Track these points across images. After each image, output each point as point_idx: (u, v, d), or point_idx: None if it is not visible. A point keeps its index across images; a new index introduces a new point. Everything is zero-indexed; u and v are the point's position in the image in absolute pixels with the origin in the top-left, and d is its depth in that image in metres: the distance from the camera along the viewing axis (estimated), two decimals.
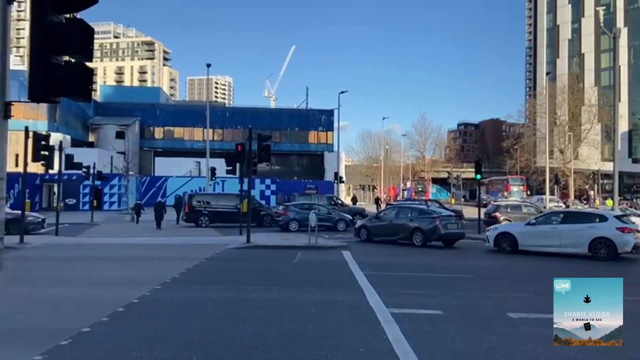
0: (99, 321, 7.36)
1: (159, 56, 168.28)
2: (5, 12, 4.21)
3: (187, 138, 66.17)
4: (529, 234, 16.36)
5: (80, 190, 41.30)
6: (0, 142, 4.18)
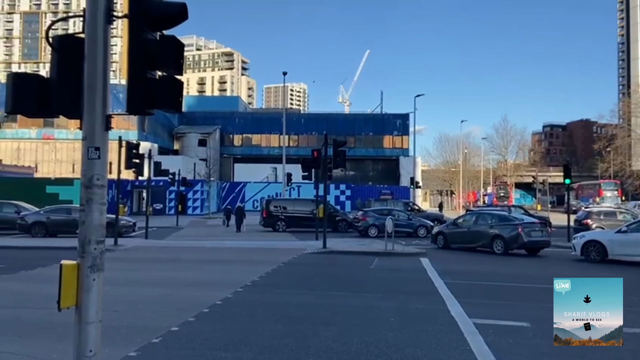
0: (186, 321, 7.73)
1: (238, 66, 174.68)
2: (106, 32, 4.52)
3: (264, 145, 68.04)
4: (620, 243, 15.24)
5: (167, 195, 43.65)
6: (102, 151, 4.49)
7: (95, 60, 4.39)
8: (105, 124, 4.54)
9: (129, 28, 4.44)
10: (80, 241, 4.34)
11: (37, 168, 53.52)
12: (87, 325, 4.10)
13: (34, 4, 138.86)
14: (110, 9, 4.46)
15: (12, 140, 55.46)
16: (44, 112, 4.67)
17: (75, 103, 4.48)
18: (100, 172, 4.47)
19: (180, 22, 4.70)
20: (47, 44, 13.14)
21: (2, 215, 24.70)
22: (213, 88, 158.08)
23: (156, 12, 4.51)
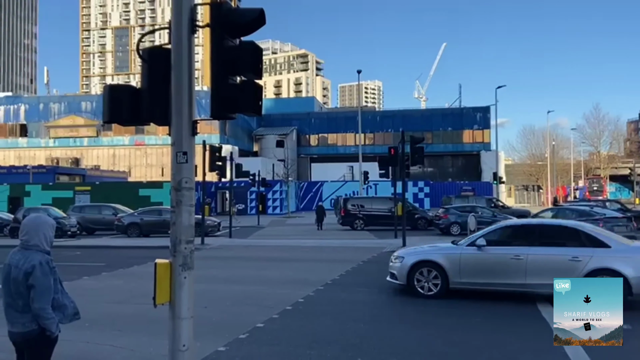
0: (270, 318, 7.94)
1: (312, 67, 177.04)
2: (190, 42, 4.74)
3: (340, 144, 68.41)
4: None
5: (248, 196, 45.14)
6: (190, 155, 4.71)
7: (181, 69, 4.62)
8: (192, 129, 4.75)
9: (211, 36, 4.62)
10: (171, 241, 4.58)
11: (131, 172, 57.45)
12: (180, 320, 4.33)
13: (124, 19, 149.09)
14: (193, 20, 4.68)
15: (108, 147, 59.93)
16: (136, 120, 4.94)
17: (164, 110, 4.74)
18: (188, 175, 4.70)
19: (258, 28, 4.82)
20: (136, 56, 14.01)
21: (102, 217, 26.78)
22: (289, 90, 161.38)
23: (236, 20, 4.66)
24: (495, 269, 8.93)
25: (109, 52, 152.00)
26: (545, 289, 8.17)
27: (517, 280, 8.80)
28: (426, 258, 9.59)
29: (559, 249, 8.85)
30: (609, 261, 8.33)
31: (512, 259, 8.84)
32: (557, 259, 8.64)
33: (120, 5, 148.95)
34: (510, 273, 8.81)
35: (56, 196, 35.87)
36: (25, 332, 3.67)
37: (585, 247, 8.66)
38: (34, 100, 65.16)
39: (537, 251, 8.84)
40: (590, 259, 8.39)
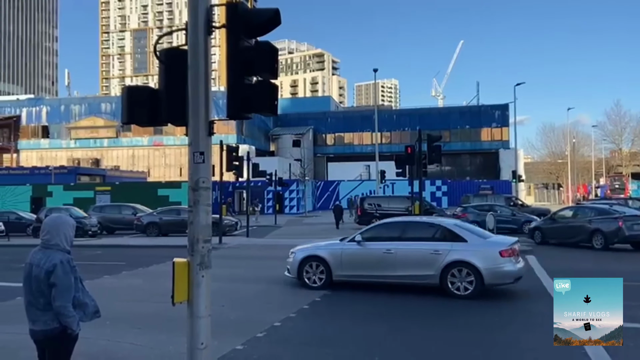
0: (287, 316, 7.97)
1: (328, 66, 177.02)
2: (206, 43, 4.77)
3: (356, 143, 68.27)
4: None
5: (265, 195, 45.33)
6: (207, 155, 4.75)
7: (197, 69, 4.66)
8: (208, 129, 4.79)
9: (227, 37, 4.65)
10: (189, 240, 4.63)
11: (150, 172, 58.12)
12: (198, 319, 4.38)
13: (142, 21, 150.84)
14: (209, 21, 4.71)
15: (128, 148, 60.73)
16: (154, 121, 5.00)
17: (181, 111, 4.78)
18: (205, 175, 4.74)
19: (274, 28, 4.84)
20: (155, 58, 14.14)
21: (122, 216, 27.16)
22: (305, 89, 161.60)
23: (251, 20, 4.69)
24: (371, 263, 9.78)
25: (128, 54, 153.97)
26: (413, 280, 9.59)
27: (389, 272, 9.72)
28: (313, 253, 10.39)
29: (423, 244, 9.67)
30: (464, 254, 9.21)
31: (385, 253, 9.72)
32: (421, 253, 9.53)
33: (138, 8, 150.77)
34: (383, 266, 9.69)
35: (77, 196, 36.49)
36: (47, 330, 3.74)
37: (445, 242, 9.55)
38: (56, 102, 66.34)
39: (405, 246, 9.73)
40: (448, 253, 9.29)
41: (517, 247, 9.74)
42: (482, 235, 10.10)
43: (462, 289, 9.11)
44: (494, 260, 9.13)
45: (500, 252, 9.19)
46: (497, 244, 9.57)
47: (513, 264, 9.28)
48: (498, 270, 9.15)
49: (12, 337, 6.97)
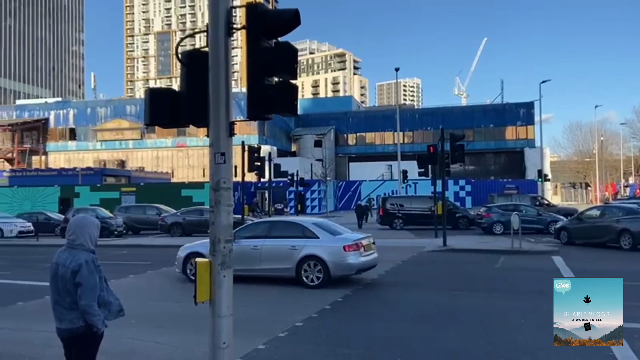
0: (309, 316, 7.98)
1: (350, 66, 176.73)
2: (227, 44, 4.80)
3: (378, 142, 67.99)
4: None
5: (287, 195, 45.47)
6: (227, 156, 4.78)
7: (218, 71, 4.69)
8: (229, 130, 4.81)
9: (247, 38, 4.67)
10: (210, 240, 4.66)
11: (173, 173, 58.91)
12: (219, 318, 4.41)
13: (165, 24, 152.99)
14: (230, 22, 4.74)
15: (152, 150, 61.65)
16: (176, 122, 5.05)
17: (202, 112, 4.82)
18: (226, 175, 4.76)
19: (293, 28, 4.84)
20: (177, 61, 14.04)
21: (146, 217, 27.58)
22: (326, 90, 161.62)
23: (271, 21, 4.70)
24: (243, 258, 10.41)
25: (152, 56, 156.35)
26: (275, 272, 10.85)
27: (256, 266, 10.91)
28: (194, 250, 11.49)
29: (284, 240, 10.92)
30: (315, 249, 10.48)
31: (252, 249, 10.93)
32: (281, 248, 10.82)
33: (162, 11, 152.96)
34: (252, 260, 10.81)
35: (103, 197, 37.17)
36: (73, 328, 3.81)
37: (302, 239, 10.81)
38: (82, 104, 67.78)
39: (269, 242, 10.98)
40: (303, 248, 10.59)
41: (366, 242, 10.88)
42: (334, 232, 11.14)
43: (314, 280, 10.39)
44: (339, 254, 10.33)
45: (344, 247, 10.39)
46: (343, 239, 10.63)
47: (356, 257, 10.44)
48: (342, 263, 10.35)
49: (39, 335, 7.14)
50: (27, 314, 8.73)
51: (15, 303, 9.52)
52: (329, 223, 12.04)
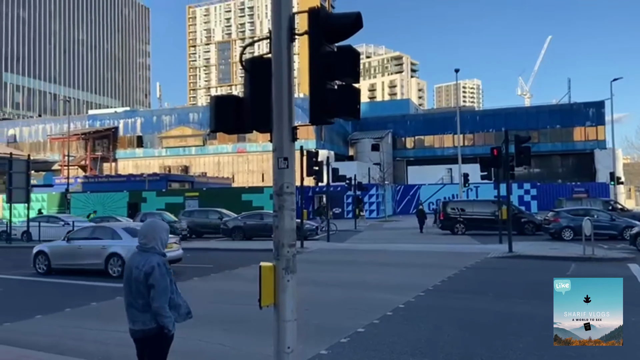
0: (371, 323, 7.87)
1: (407, 69, 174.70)
2: (289, 50, 4.83)
3: (437, 145, 66.64)
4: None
5: (344, 199, 45.45)
6: (290, 161, 4.80)
7: (281, 77, 4.73)
8: (292, 135, 4.84)
9: (310, 43, 4.67)
10: (274, 244, 4.68)
11: (234, 178, 60.40)
12: (284, 323, 4.42)
13: (226, 34, 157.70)
14: (292, 29, 4.77)
15: (214, 155, 63.52)
16: (240, 128, 5.14)
17: (265, 118, 4.87)
18: (289, 180, 4.78)
19: (356, 32, 4.81)
20: (237, 69, 14.13)
21: (209, 221, 28.40)
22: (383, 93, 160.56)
23: (333, 25, 4.68)
24: (71, 254, 14.05)
25: (213, 65, 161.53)
26: (92, 266, 13.76)
27: (78, 261, 13.94)
28: (40, 249, 14.81)
29: (99, 241, 13.96)
30: (117, 248, 13.42)
31: (77, 248, 14.07)
32: (95, 248, 13.77)
33: (222, 21, 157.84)
34: (76, 257, 13.96)
35: (169, 202, 38.66)
36: (146, 329, 3.94)
37: (111, 240, 13.83)
38: (148, 113, 70.94)
39: (88, 243, 14.09)
40: (110, 247, 13.57)
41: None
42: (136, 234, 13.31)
43: (116, 272, 13.05)
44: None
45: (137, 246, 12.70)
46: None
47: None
48: None
49: (111, 335, 7.47)
50: (99, 314, 9.17)
51: (89, 303, 10.02)
52: (134, 226, 14.78)
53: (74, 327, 8.11)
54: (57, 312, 9.24)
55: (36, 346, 6.87)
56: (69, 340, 7.36)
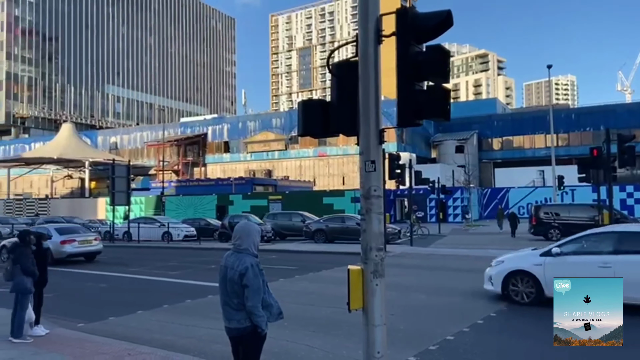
0: (460, 331, 7.60)
1: (493, 67, 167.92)
2: (377, 53, 4.80)
3: (527, 146, 63.38)
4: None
5: (427, 203, 44.47)
6: (377, 164, 4.76)
7: (368, 79, 4.71)
8: (379, 138, 4.80)
9: (397, 44, 4.61)
10: (362, 248, 4.66)
11: (315, 182, 61.27)
12: (373, 327, 4.38)
13: (307, 40, 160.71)
14: (379, 31, 4.73)
15: (295, 159, 64.87)
16: (327, 132, 5.17)
17: (352, 121, 4.88)
18: (376, 183, 4.74)
19: (445, 30, 4.68)
20: (318, 74, 14.19)
21: (292, 223, 29.01)
22: (467, 93, 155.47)
23: (422, 25, 4.60)
24: None
25: (294, 71, 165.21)
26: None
27: None
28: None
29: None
30: (49, 244, 13.42)
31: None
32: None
33: (303, 27, 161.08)
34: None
35: (254, 204, 39.98)
36: (241, 328, 4.08)
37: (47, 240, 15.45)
38: (234, 120, 73.93)
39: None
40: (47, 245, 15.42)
41: (81, 239, 18.72)
42: (64, 233, 18.60)
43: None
44: (57, 246, 17.53)
45: (60, 242, 17.91)
46: (62, 237, 18.12)
47: (70, 248, 18.13)
48: (59, 250, 17.65)
49: (205, 332, 7.82)
50: (194, 312, 9.64)
51: (184, 301, 10.58)
52: (69, 228, 19.55)
53: (172, 323, 8.60)
54: (157, 308, 9.84)
55: (139, 340, 7.35)
56: (168, 335, 7.81)
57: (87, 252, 18.90)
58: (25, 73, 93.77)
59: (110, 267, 17.17)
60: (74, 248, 18.20)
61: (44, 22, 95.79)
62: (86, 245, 18.75)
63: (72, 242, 18.20)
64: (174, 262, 18.28)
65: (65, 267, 16.80)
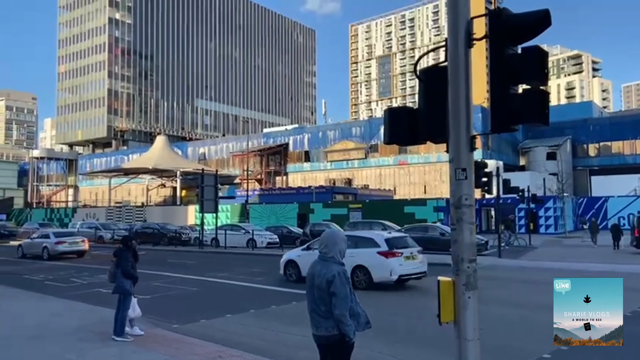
0: (558, 349, 7.10)
1: (587, 68, 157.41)
2: (467, 57, 4.65)
3: (627, 152, 58.62)
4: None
5: (516, 213, 42.35)
6: (469, 172, 4.59)
7: (458, 84, 4.56)
8: (470, 145, 4.63)
9: (490, 47, 4.44)
10: (453, 259, 4.51)
11: (395, 190, 60.54)
12: (466, 342, 4.21)
13: (386, 48, 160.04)
14: (470, 34, 4.58)
15: (375, 168, 64.55)
16: (414, 139, 5.07)
17: (440, 127, 4.74)
18: (467, 192, 4.57)
19: (543, 30, 4.45)
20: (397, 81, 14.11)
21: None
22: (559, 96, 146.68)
23: (518, 25, 4.40)
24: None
25: (374, 80, 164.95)
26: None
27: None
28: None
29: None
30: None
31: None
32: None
33: (383, 35, 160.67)
34: None
35: (334, 213, 40.24)
36: (329, 336, 4.08)
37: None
38: (315, 129, 75.12)
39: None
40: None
41: (68, 240, 23.53)
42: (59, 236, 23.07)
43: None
44: (53, 245, 22.27)
45: (55, 242, 23.24)
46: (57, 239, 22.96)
47: (61, 247, 23.14)
48: (54, 249, 22.79)
49: (291, 337, 7.94)
50: (279, 317, 9.83)
51: (269, 306, 10.82)
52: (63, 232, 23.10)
53: (258, 328, 8.82)
54: (244, 313, 10.15)
55: (228, 342, 7.61)
56: (255, 339, 8.01)
57: (75, 251, 24.14)
58: (124, 90, 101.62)
59: (202, 272, 17.99)
60: (64, 247, 23.54)
61: (140, 42, 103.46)
62: (74, 246, 24.08)
63: (63, 243, 23.54)
64: (258, 269, 18.80)
65: (160, 271, 17.84)
